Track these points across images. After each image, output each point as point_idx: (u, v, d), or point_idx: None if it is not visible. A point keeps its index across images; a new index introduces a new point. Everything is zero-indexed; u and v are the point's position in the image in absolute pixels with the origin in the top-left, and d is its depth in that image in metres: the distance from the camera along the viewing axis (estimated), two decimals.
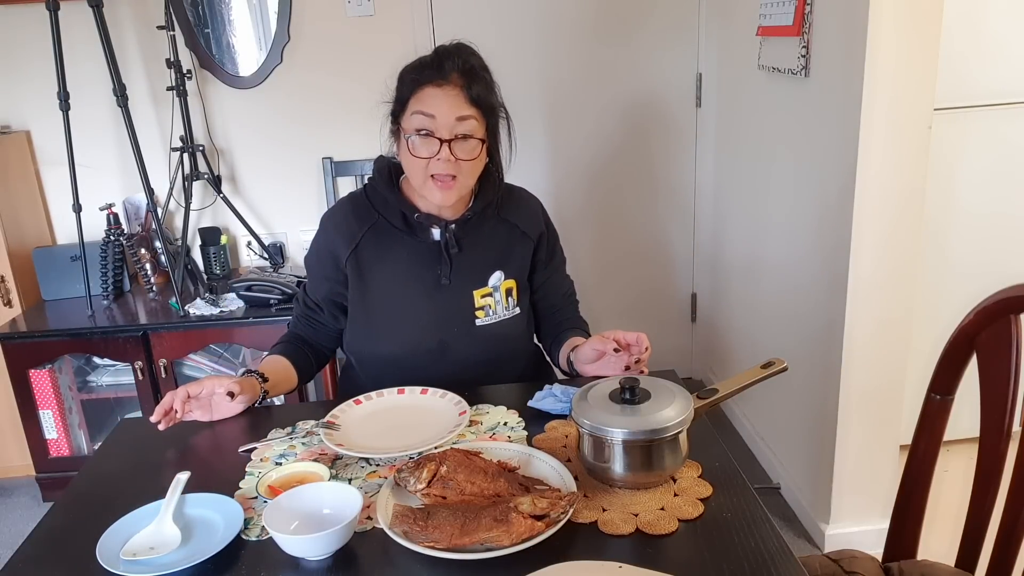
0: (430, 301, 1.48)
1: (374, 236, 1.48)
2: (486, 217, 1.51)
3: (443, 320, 1.48)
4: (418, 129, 1.36)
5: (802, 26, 2.00)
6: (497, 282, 1.50)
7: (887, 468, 2.06)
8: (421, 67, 1.40)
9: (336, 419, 1.30)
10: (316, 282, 1.55)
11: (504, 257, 1.52)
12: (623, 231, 3.03)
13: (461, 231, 1.48)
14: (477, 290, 1.49)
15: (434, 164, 1.37)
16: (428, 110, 1.36)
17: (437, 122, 1.35)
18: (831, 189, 1.95)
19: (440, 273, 1.47)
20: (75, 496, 1.19)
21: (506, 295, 1.51)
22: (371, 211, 1.50)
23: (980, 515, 1.17)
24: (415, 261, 1.48)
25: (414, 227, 1.48)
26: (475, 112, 1.38)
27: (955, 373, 1.20)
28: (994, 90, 2.23)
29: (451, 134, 1.36)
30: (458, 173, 1.38)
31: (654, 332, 3.34)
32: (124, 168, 2.73)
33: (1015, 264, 2.35)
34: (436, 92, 1.36)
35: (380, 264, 1.48)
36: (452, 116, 1.35)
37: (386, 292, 1.49)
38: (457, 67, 1.37)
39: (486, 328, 1.49)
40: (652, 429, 1.06)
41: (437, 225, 1.47)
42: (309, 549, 0.98)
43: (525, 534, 0.96)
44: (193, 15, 2.61)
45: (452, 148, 1.36)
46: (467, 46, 1.44)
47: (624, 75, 2.85)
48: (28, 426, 2.48)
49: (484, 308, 1.49)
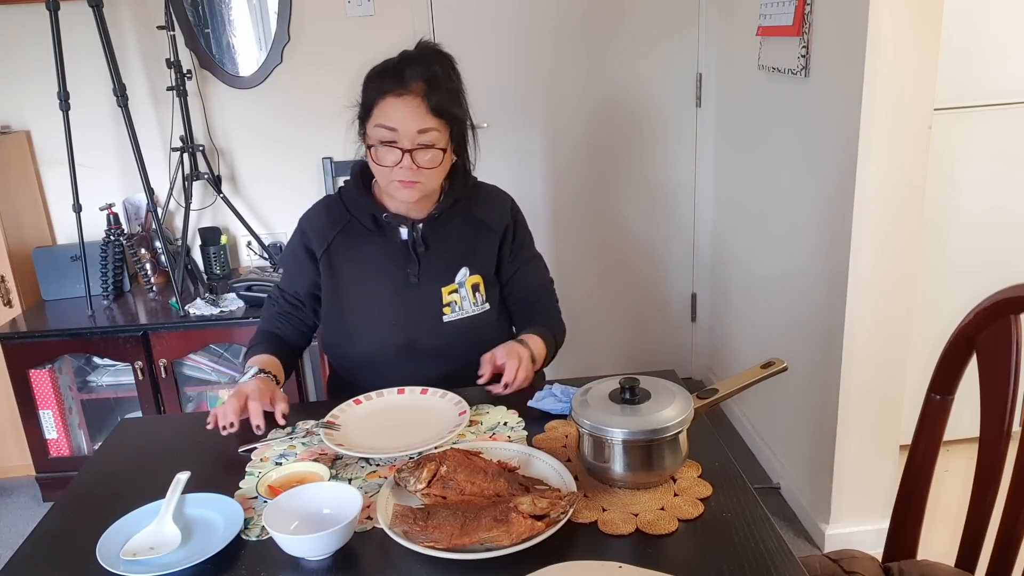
0: (399, 299, 1.50)
1: (345, 237, 1.52)
2: (454, 215, 1.53)
3: (411, 318, 1.50)
4: (381, 140, 1.39)
5: (802, 26, 2.00)
6: (463, 278, 1.52)
7: (887, 468, 2.06)
8: (384, 74, 1.41)
9: (336, 419, 1.31)
10: (295, 278, 1.57)
11: (470, 253, 1.54)
12: (623, 231, 3.03)
13: (428, 230, 1.51)
14: (445, 287, 1.51)
15: (397, 171, 1.40)
16: (389, 123, 1.38)
17: (399, 133, 1.38)
18: (831, 189, 1.95)
19: (408, 272, 1.50)
20: (75, 496, 1.19)
21: (472, 291, 1.53)
22: (343, 212, 1.54)
23: (980, 515, 1.17)
24: (384, 260, 1.51)
25: (383, 227, 1.51)
26: (437, 123, 1.39)
27: (955, 373, 1.20)
28: (994, 90, 2.23)
29: (412, 144, 1.38)
30: (421, 179, 1.41)
31: (654, 332, 3.35)
32: (124, 168, 2.73)
33: (1015, 264, 2.35)
34: (396, 103, 1.38)
35: (351, 264, 1.51)
36: (413, 128, 1.37)
37: (356, 291, 1.52)
38: (418, 75, 1.38)
39: (453, 324, 1.51)
40: (652, 429, 1.06)
41: (405, 225, 1.50)
42: (309, 549, 0.98)
43: (525, 534, 0.96)
44: (193, 15, 2.61)
45: (414, 157, 1.38)
46: (434, 51, 1.45)
47: (624, 75, 2.85)
48: (28, 426, 2.48)
49: (451, 304, 1.51)
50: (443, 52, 1.46)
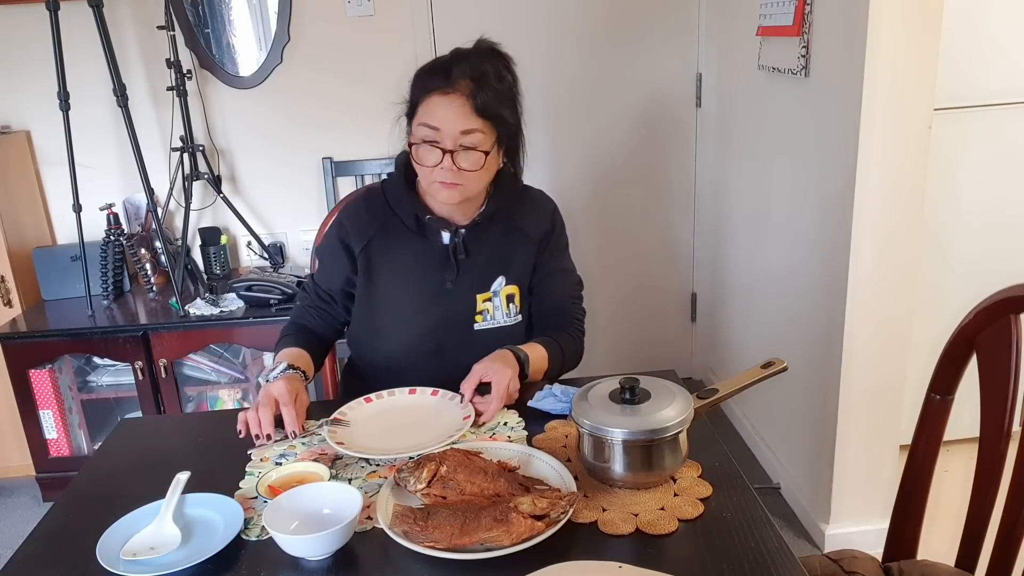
0: (432, 304, 1.48)
1: (385, 234, 1.48)
2: (496, 222, 1.49)
3: (443, 324, 1.48)
4: (423, 139, 1.36)
5: (802, 26, 2.00)
6: (499, 287, 1.49)
7: (887, 468, 2.06)
8: (432, 71, 1.37)
9: (344, 416, 1.31)
10: (329, 273, 1.54)
11: (508, 263, 1.50)
12: (623, 231, 3.03)
13: (470, 236, 1.47)
14: (480, 294, 1.48)
15: (438, 172, 1.36)
16: (432, 122, 1.34)
17: (441, 133, 1.34)
18: (831, 189, 1.95)
19: (446, 278, 1.47)
20: (75, 496, 1.19)
21: (507, 300, 1.50)
22: (385, 208, 1.49)
23: (980, 515, 1.17)
24: (422, 263, 1.48)
25: (425, 229, 1.47)
26: (481, 123, 1.35)
27: (955, 373, 1.20)
28: (994, 90, 2.23)
29: (454, 145, 1.34)
30: (462, 181, 1.37)
31: (654, 332, 3.35)
32: (124, 168, 2.73)
33: (1015, 264, 2.35)
34: (441, 102, 1.34)
35: (388, 263, 1.48)
36: (456, 129, 1.33)
37: (391, 292, 1.49)
38: (466, 73, 1.34)
39: (483, 333, 1.49)
40: (652, 429, 1.06)
41: (447, 229, 1.46)
42: (309, 549, 0.98)
43: (525, 534, 0.96)
44: (193, 15, 2.61)
45: (455, 159, 1.34)
46: (487, 49, 1.40)
47: (624, 75, 2.85)
48: (28, 426, 2.48)
49: (483, 312, 1.49)
50: (498, 50, 1.41)
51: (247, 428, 1.28)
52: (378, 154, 2.77)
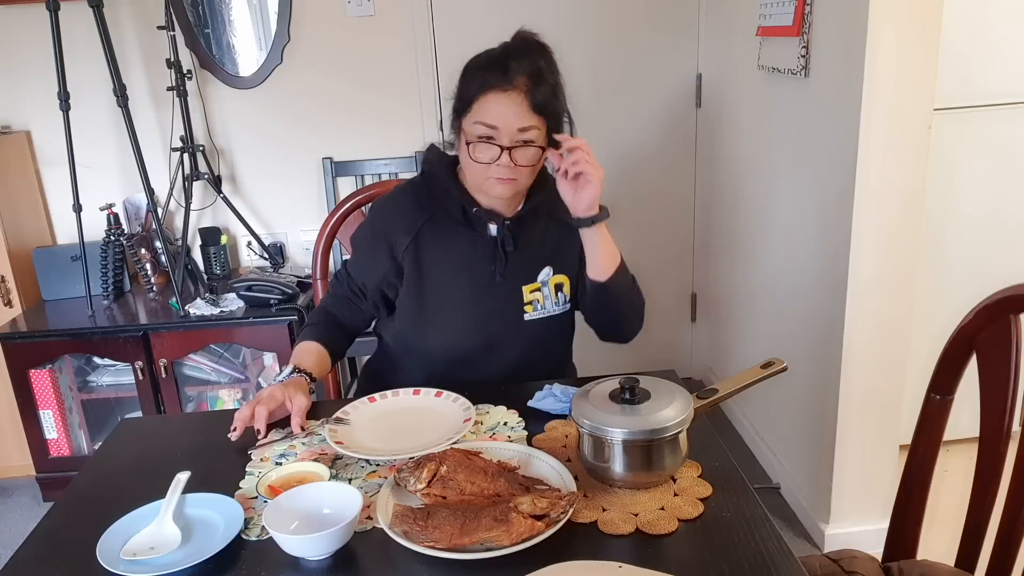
0: (484, 297, 1.47)
1: (433, 227, 1.46)
2: (539, 213, 1.49)
3: (493, 315, 1.48)
4: (479, 136, 1.34)
5: (802, 26, 2.00)
6: (546, 277, 1.49)
7: (887, 468, 2.06)
8: (488, 66, 1.36)
9: (347, 415, 1.31)
10: (365, 269, 1.52)
11: (553, 253, 1.50)
12: (623, 231, 3.00)
13: (516, 227, 1.46)
14: (527, 285, 1.48)
15: (494, 169, 1.35)
16: (491, 121, 1.33)
17: (499, 132, 1.33)
18: (831, 189, 1.95)
19: (495, 270, 1.46)
20: (75, 496, 1.19)
21: (555, 290, 1.50)
22: (431, 200, 1.47)
23: (980, 515, 1.17)
24: (471, 256, 1.47)
25: (472, 221, 1.46)
26: (537, 120, 1.35)
27: (955, 373, 1.20)
28: (994, 90, 2.23)
29: (512, 141, 1.34)
30: (518, 176, 1.37)
31: (654, 332, 3.35)
32: (124, 168, 2.73)
33: (1015, 264, 2.35)
34: (500, 99, 1.33)
35: (437, 256, 1.47)
36: (515, 127, 1.33)
37: (440, 285, 1.48)
38: (524, 70, 1.34)
39: (534, 323, 1.49)
40: (652, 429, 1.06)
41: (495, 221, 1.45)
42: (309, 549, 0.98)
43: (525, 534, 0.96)
44: (193, 15, 2.61)
45: (512, 155, 1.34)
46: (537, 44, 1.40)
47: (624, 75, 2.85)
48: (28, 426, 2.48)
49: (533, 303, 1.48)
50: (544, 43, 1.40)
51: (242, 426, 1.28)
52: (378, 154, 2.77)
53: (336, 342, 1.51)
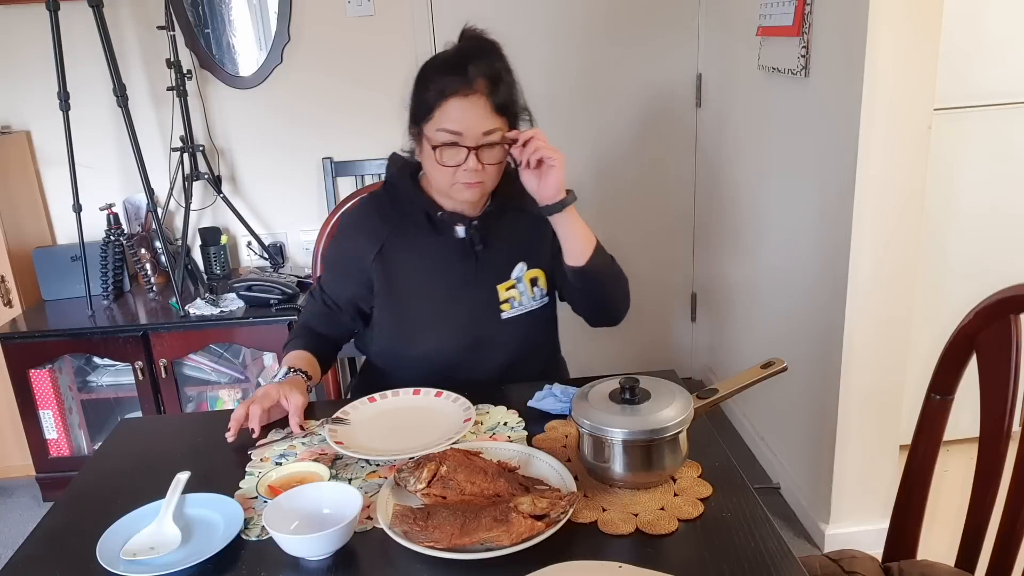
0: (457, 299, 1.47)
1: (399, 237, 1.47)
2: (506, 209, 1.49)
3: (471, 317, 1.47)
4: (444, 142, 1.34)
5: (802, 26, 2.00)
6: (520, 273, 1.49)
7: (887, 468, 2.06)
8: (445, 72, 1.35)
9: (347, 415, 1.31)
10: (338, 284, 1.52)
11: (526, 248, 1.50)
12: (623, 231, 3.02)
13: (484, 226, 1.47)
14: (501, 284, 1.48)
15: (461, 173, 1.35)
16: (455, 126, 1.33)
17: (464, 136, 1.33)
18: (831, 189, 1.95)
19: (466, 271, 1.46)
20: (75, 496, 1.19)
21: (531, 284, 1.50)
22: (394, 211, 1.48)
23: (980, 515, 1.17)
24: (441, 259, 1.47)
25: (438, 225, 1.46)
26: (501, 121, 1.35)
27: (955, 373, 1.20)
28: (994, 90, 2.23)
29: (477, 143, 1.34)
30: (484, 178, 1.37)
31: (654, 332, 3.34)
32: (124, 168, 2.73)
33: (1015, 264, 2.35)
34: (462, 104, 1.32)
35: (407, 264, 1.47)
36: (479, 130, 1.33)
37: (414, 294, 1.48)
38: (482, 72, 1.33)
39: (513, 320, 1.49)
40: (652, 429, 1.06)
41: (461, 223, 1.46)
42: (309, 549, 0.98)
43: (525, 534, 0.96)
44: (193, 15, 2.61)
45: (479, 156, 1.34)
46: (489, 43, 1.40)
47: (624, 75, 2.85)
48: (28, 426, 2.48)
49: (509, 300, 1.48)
50: (495, 41, 1.40)
51: (236, 426, 1.28)
52: (378, 154, 2.76)
53: (323, 351, 1.51)
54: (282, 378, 1.37)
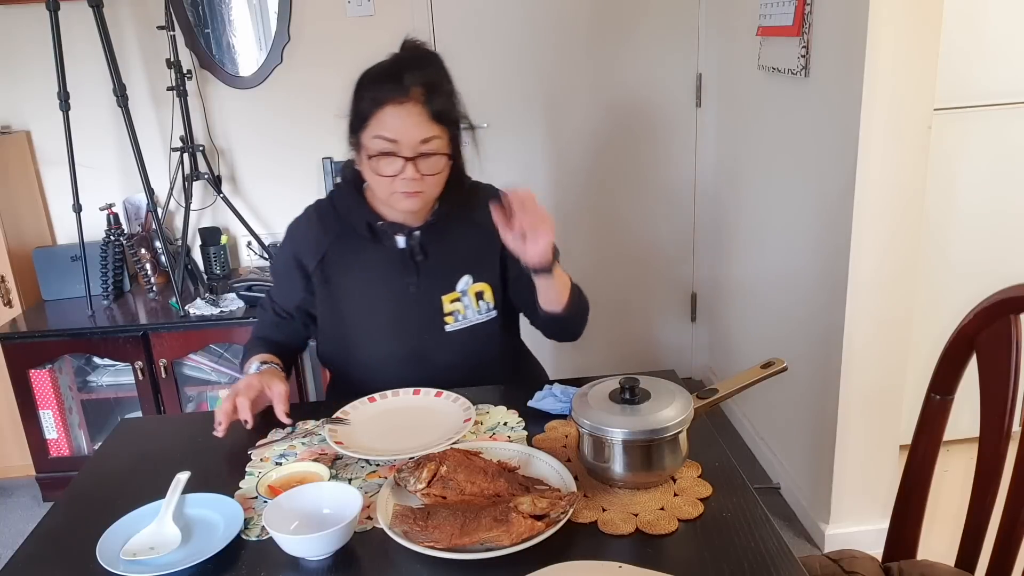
0: (399, 309, 1.46)
1: (340, 245, 1.46)
2: (451, 220, 1.46)
3: (413, 328, 1.46)
4: (381, 151, 1.32)
5: (802, 26, 2.00)
6: (465, 286, 1.47)
7: (887, 468, 2.06)
8: (380, 80, 1.35)
9: (347, 415, 1.31)
10: (285, 291, 1.54)
11: (471, 260, 1.48)
12: (623, 231, 3.03)
13: (426, 237, 1.45)
14: (445, 295, 1.46)
15: (399, 182, 1.33)
16: (389, 134, 1.31)
17: (400, 144, 1.31)
18: (831, 189, 1.95)
19: (408, 282, 1.45)
20: (75, 496, 1.19)
21: (476, 298, 1.48)
22: (337, 219, 1.47)
23: (980, 515, 1.17)
24: (382, 269, 1.45)
25: (379, 235, 1.45)
26: (438, 129, 1.33)
27: (955, 373, 1.20)
28: (994, 90, 2.23)
29: (414, 152, 1.32)
30: (423, 188, 1.34)
31: (654, 332, 3.34)
32: (124, 168, 2.73)
33: (1015, 264, 2.35)
34: (397, 112, 1.31)
35: (348, 273, 1.46)
36: (416, 138, 1.31)
37: (355, 301, 1.47)
38: (417, 79, 1.32)
39: (457, 334, 1.47)
40: (652, 429, 1.06)
41: (401, 233, 1.44)
42: (309, 549, 0.98)
43: (525, 534, 0.96)
44: (193, 15, 2.61)
45: (417, 165, 1.32)
46: (428, 53, 1.38)
47: (624, 75, 2.85)
48: (28, 426, 2.48)
49: (453, 314, 1.46)
50: (434, 52, 1.40)
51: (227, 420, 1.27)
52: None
53: (282, 356, 1.49)
54: (258, 370, 1.37)
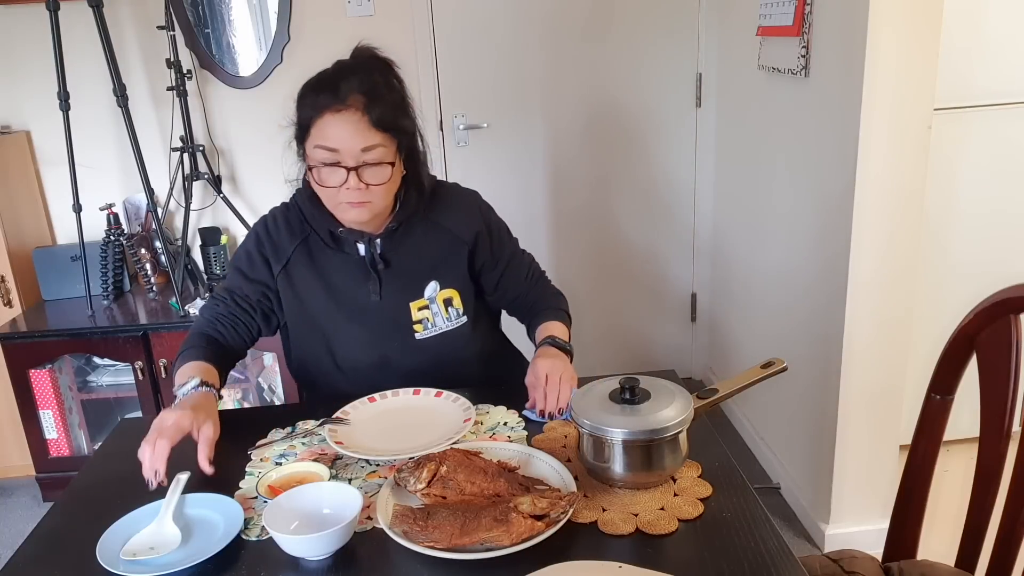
0: (364, 317, 1.43)
1: (305, 251, 1.43)
2: (414, 226, 1.43)
3: (380, 335, 1.44)
4: (323, 161, 1.28)
5: (802, 26, 2.00)
6: (433, 293, 1.44)
7: (887, 468, 2.06)
8: (319, 88, 1.31)
9: (347, 415, 1.31)
10: (247, 282, 1.45)
11: (438, 266, 1.45)
12: (623, 231, 3.03)
13: (388, 244, 1.41)
14: (413, 302, 1.44)
15: (343, 192, 1.29)
16: (329, 143, 1.27)
17: (340, 153, 1.27)
18: (831, 189, 1.95)
19: (370, 289, 1.42)
20: (75, 496, 1.19)
21: (444, 305, 1.45)
22: (302, 225, 1.43)
23: (980, 515, 1.17)
24: (345, 277, 1.42)
25: (341, 243, 1.42)
26: (381, 137, 1.28)
27: (955, 373, 1.20)
28: (994, 90, 2.23)
29: (357, 162, 1.28)
30: (370, 198, 1.30)
31: (654, 332, 3.34)
32: (124, 168, 2.73)
33: (1015, 264, 2.35)
34: (336, 120, 1.27)
35: (313, 280, 1.43)
36: (356, 146, 1.27)
37: (320, 309, 1.44)
38: (356, 87, 1.28)
39: (427, 341, 1.44)
40: (652, 429, 1.06)
41: (361, 240, 1.40)
42: (309, 549, 0.98)
43: (525, 534, 0.96)
44: (193, 15, 2.61)
45: (360, 175, 1.28)
46: (372, 57, 1.35)
47: (624, 75, 2.85)
48: (28, 426, 2.48)
49: (422, 321, 1.44)
50: (381, 58, 1.36)
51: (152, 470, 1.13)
52: None
53: (220, 362, 1.39)
54: (191, 391, 1.26)
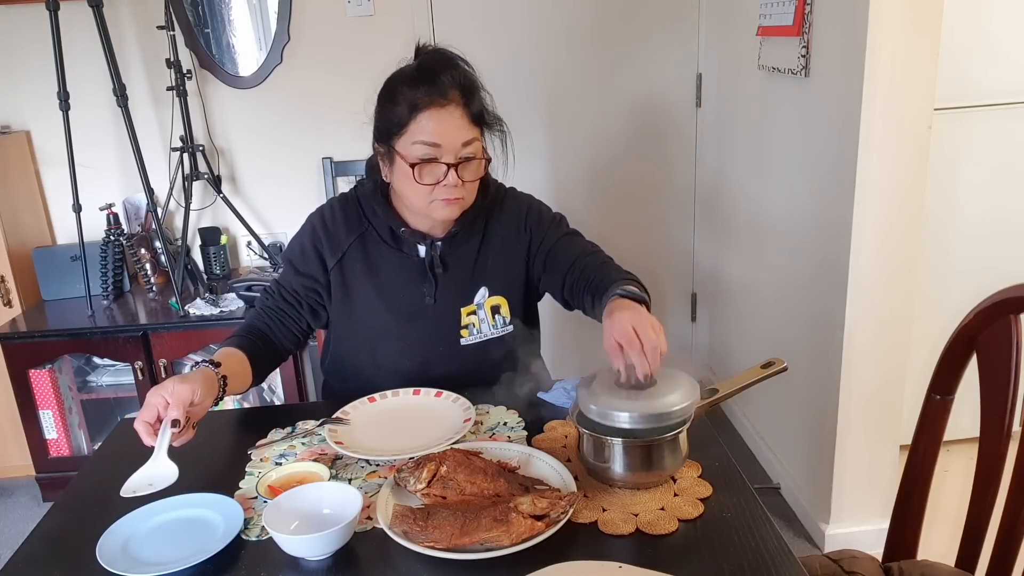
0: (414, 320, 1.43)
1: (362, 247, 1.42)
2: (473, 232, 1.44)
3: (427, 339, 1.43)
4: (421, 157, 1.28)
5: (802, 26, 2.00)
6: (482, 299, 1.44)
7: (887, 468, 2.06)
8: (416, 83, 1.29)
9: (347, 415, 1.31)
10: (299, 276, 1.44)
11: (490, 273, 1.45)
12: (623, 231, 3.03)
13: (447, 248, 1.42)
14: (464, 308, 1.44)
15: (440, 190, 1.29)
16: (432, 138, 1.27)
17: (442, 149, 1.28)
18: (831, 189, 1.95)
19: (425, 292, 1.42)
20: (75, 496, 1.19)
21: (492, 312, 1.45)
22: (361, 219, 1.43)
23: (980, 515, 1.17)
24: (401, 278, 1.42)
25: (401, 242, 1.41)
26: (477, 131, 1.31)
27: (955, 373, 1.20)
28: (994, 90, 2.23)
29: (456, 158, 1.29)
30: (464, 194, 1.32)
31: None
32: (124, 168, 2.73)
33: (1015, 264, 2.35)
34: (439, 116, 1.27)
35: (365, 277, 1.42)
36: (458, 141, 1.28)
37: (370, 307, 1.43)
38: (454, 82, 1.28)
39: (470, 347, 1.44)
40: (659, 413, 1.06)
41: (423, 242, 1.41)
42: (309, 549, 0.98)
43: (525, 534, 0.96)
44: (193, 15, 2.61)
45: (459, 171, 1.29)
46: (456, 54, 1.34)
47: (624, 75, 2.85)
48: (28, 426, 2.48)
49: (468, 327, 1.44)
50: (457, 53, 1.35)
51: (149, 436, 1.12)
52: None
53: (261, 356, 1.38)
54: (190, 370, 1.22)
